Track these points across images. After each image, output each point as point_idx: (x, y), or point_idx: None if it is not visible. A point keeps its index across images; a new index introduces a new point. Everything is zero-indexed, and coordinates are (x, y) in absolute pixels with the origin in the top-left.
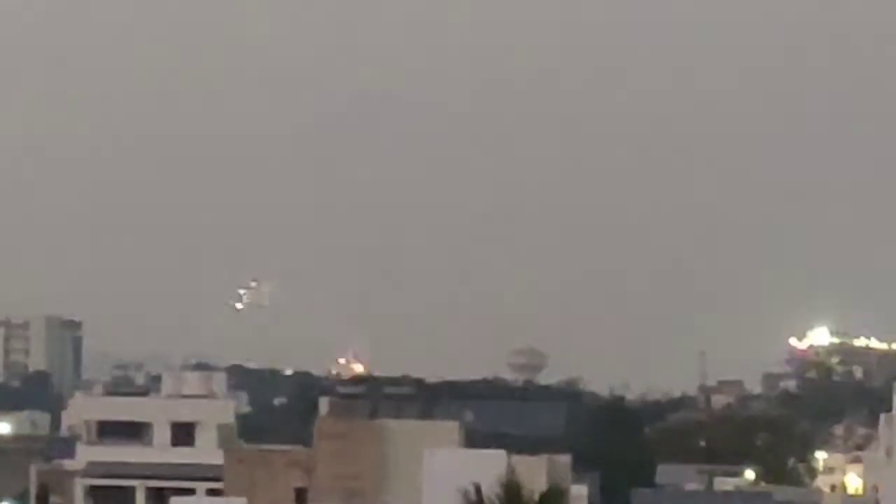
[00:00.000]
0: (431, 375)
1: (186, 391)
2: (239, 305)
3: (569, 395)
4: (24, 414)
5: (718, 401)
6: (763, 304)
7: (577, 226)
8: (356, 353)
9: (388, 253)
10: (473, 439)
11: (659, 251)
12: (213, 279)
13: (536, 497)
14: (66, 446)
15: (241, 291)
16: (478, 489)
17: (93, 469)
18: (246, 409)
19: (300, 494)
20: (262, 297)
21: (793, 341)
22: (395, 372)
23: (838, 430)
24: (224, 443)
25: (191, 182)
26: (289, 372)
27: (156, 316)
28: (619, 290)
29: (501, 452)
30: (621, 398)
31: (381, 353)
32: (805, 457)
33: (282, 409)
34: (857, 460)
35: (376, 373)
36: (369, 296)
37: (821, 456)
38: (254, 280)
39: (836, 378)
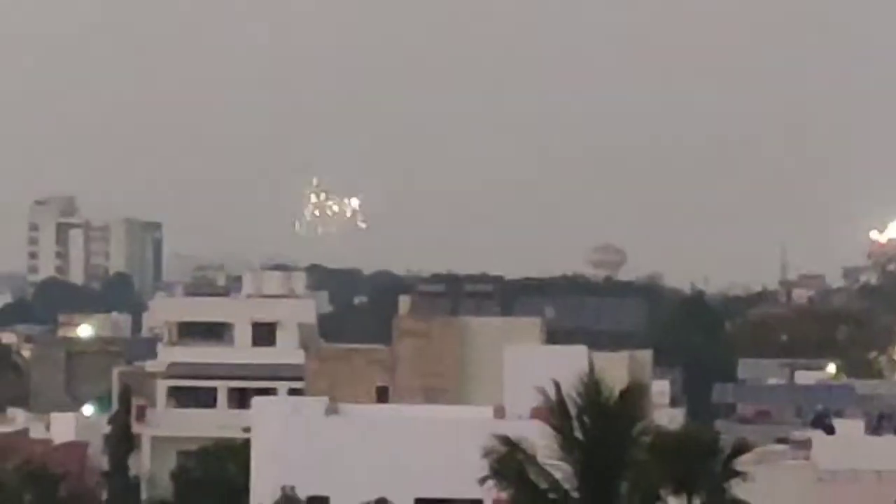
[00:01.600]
0: (511, 273)
1: (267, 291)
2: (316, 207)
3: (649, 290)
4: (106, 316)
5: (799, 295)
6: (843, 197)
7: (657, 119)
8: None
9: (467, 151)
10: (554, 336)
11: (738, 145)
12: (293, 178)
13: (617, 393)
14: (148, 348)
15: (320, 191)
16: (557, 386)
17: (174, 370)
18: (326, 308)
19: (382, 393)
20: (342, 198)
21: (874, 234)
22: (476, 269)
23: None
24: (305, 342)
25: (270, 83)
26: (368, 271)
27: (236, 216)
28: (700, 185)
29: (582, 348)
30: (702, 293)
31: (460, 250)
32: (886, 349)
33: (362, 308)
34: None
35: (456, 270)
36: (446, 195)
37: None
38: (325, 185)
39: None
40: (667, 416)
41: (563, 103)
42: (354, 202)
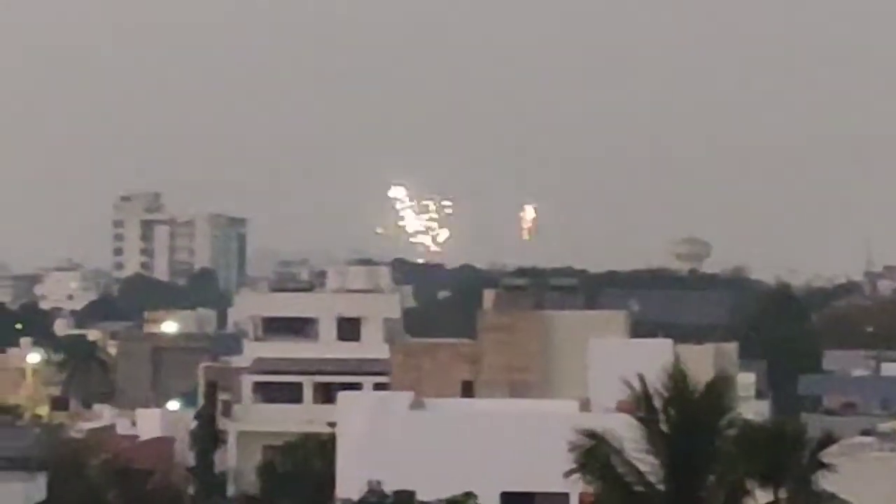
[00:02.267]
0: (596, 266)
1: (351, 286)
2: (401, 204)
3: (734, 283)
4: (191, 312)
5: (885, 286)
6: None
7: (740, 110)
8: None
9: (551, 146)
10: (639, 329)
11: (823, 135)
12: (377, 174)
13: (703, 386)
14: (233, 343)
15: (403, 187)
16: (642, 378)
17: (260, 365)
18: (411, 303)
19: (467, 387)
20: (427, 194)
21: None
22: (559, 263)
23: None
24: (390, 337)
25: (354, 79)
26: (452, 265)
27: (320, 211)
28: (784, 176)
29: (667, 341)
30: (787, 285)
31: (544, 243)
32: None
33: (446, 302)
34: None
35: (540, 264)
36: (531, 187)
37: None
38: (410, 181)
39: None
40: (752, 408)
41: (649, 98)
42: (440, 199)
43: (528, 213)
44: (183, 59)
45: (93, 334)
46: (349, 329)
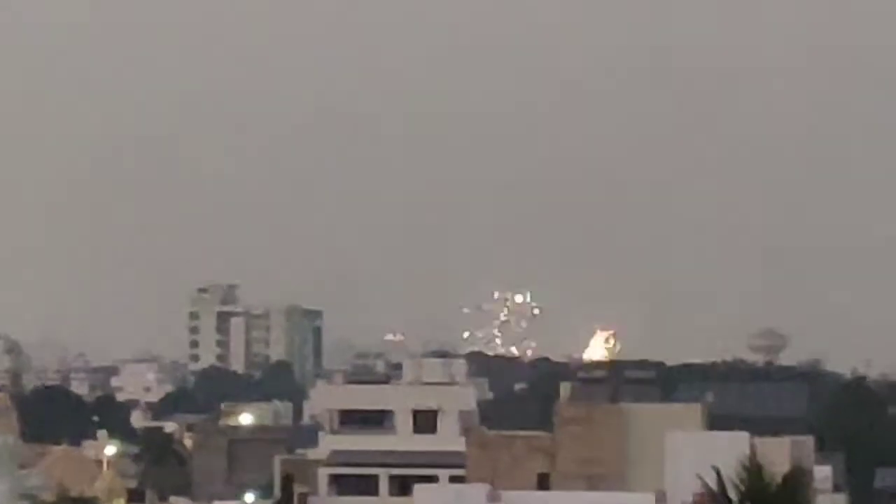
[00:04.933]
0: (672, 358)
1: (427, 379)
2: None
3: (810, 375)
4: (267, 405)
5: None
6: None
7: (811, 207)
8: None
9: (625, 239)
10: (715, 421)
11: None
12: (449, 267)
13: (779, 478)
14: (309, 435)
15: (479, 281)
16: (718, 472)
17: (336, 458)
18: (486, 395)
19: (543, 479)
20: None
21: None
22: (636, 356)
23: None
24: (466, 429)
25: (425, 176)
26: (528, 358)
27: (395, 304)
28: (858, 268)
29: (744, 434)
30: (863, 377)
31: (620, 337)
32: None
33: (522, 394)
34: None
35: (616, 357)
36: (607, 282)
37: None
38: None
39: None
40: (829, 501)
41: (726, 195)
42: (516, 293)
43: (603, 306)
44: (259, 152)
45: (169, 426)
46: (425, 421)
